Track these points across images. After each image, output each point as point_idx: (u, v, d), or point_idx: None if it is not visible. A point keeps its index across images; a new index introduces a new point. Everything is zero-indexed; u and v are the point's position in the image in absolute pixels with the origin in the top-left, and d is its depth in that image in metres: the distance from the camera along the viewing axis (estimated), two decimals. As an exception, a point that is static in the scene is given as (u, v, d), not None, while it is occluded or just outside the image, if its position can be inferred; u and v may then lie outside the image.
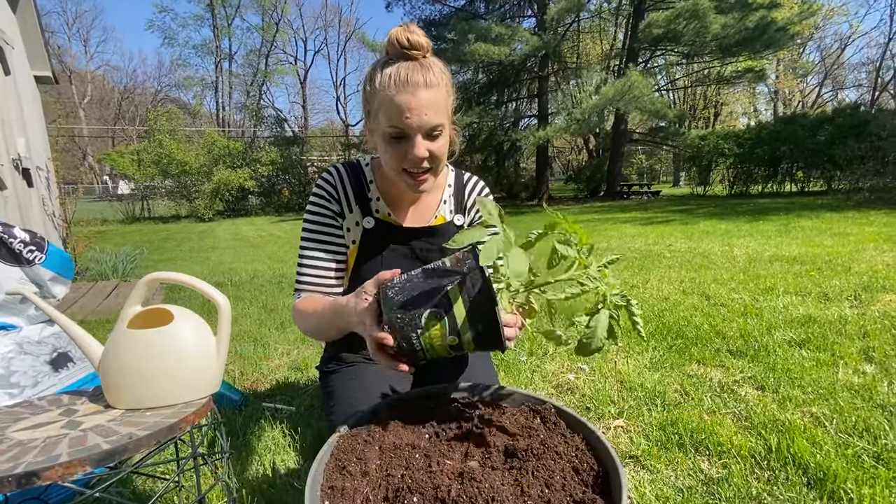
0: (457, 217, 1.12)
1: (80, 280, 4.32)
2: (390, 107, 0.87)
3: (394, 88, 0.86)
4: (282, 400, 1.61)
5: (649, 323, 2.25)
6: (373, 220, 1.06)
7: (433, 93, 0.88)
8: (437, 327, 0.66)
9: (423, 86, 0.87)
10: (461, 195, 1.13)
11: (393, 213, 1.07)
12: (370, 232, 1.05)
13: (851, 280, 2.80)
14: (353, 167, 1.08)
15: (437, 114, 0.89)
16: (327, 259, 1.04)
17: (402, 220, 1.07)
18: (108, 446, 0.60)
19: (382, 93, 0.88)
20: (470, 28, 12.66)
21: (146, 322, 0.77)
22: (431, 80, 0.88)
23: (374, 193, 1.06)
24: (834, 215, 6.30)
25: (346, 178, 1.06)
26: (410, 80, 0.86)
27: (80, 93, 33.37)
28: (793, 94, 30.76)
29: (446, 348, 0.68)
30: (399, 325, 0.67)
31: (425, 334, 0.66)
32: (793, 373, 1.61)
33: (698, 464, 1.13)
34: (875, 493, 0.98)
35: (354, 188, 1.06)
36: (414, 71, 0.87)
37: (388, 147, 0.91)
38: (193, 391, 0.74)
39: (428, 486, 0.63)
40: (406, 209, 1.08)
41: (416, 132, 0.88)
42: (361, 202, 1.06)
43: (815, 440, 1.19)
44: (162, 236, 9.46)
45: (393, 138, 0.90)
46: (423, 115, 0.87)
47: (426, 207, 1.10)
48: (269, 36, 29.37)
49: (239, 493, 1.03)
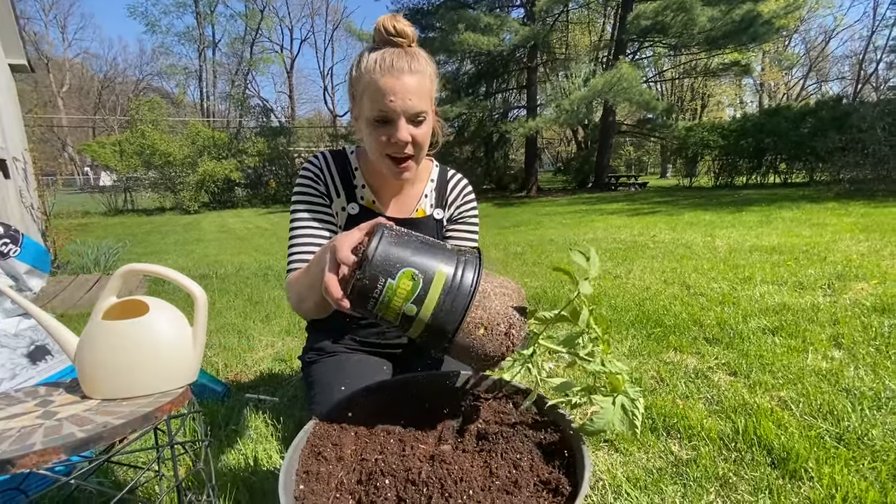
0: (436, 211, 1.13)
1: (60, 273, 4.25)
2: (375, 90, 0.88)
3: (379, 72, 0.87)
4: (265, 391, 1.62)
5: (629, 312, 2.29)
6: (357, 207, 1.06)
7: (417, 79, 0.89)
8: (408, 287, 0.63)
9: (407, 71, 0.88)
10: (443, 190, 1.14)
11: (377, 201, 1.08)
12: (354, 219, 1.05)
13: (826, 269, 2.88)
14: (338, 154, 1.09)
15: (420, 100, 0.90)
16: (320, 229, 1.03)
17: (385, 208, 1.08)
18: (83, 434, 0.61)
19: (367, 76, 0.89)
20: (458, 17, 12.55)
21: (122, 314, 0.77)
22: (416, 67, 0.89)
23: (359, 180, 1.07)
24: (814, 206, 6.43)
25: (332, 164, 1.06)
26: (395, 65, 0.87)
27: (59, 81, 32.45)
28: (778, 87, 31.15)
29: (398, 315, 0.65)
30: (377, 261, 0.63)
31: (391, 285, 0.63)
32: (765, 359, 1.66)
33: (669, 446, 1.18)
34: (834, 472, 1.02)
35: (340, 174, 1.06)
36: (399, 57, 0.88)
37: (372, 131, 0.92)
38: (170, 381, 0.75)
39: (400, 468, 0.66)
40: (389, 198, 1.09)
41: (400, 116, 0.89)
42: (347, 188, 1.06)
43: (781, 422, 1.24)
44: (146, 229, 9.32)
45: (377, 122, 0.91)
46: (408, 100, 0.88)
47: (408, 199, 1.11)
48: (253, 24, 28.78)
49: (219, 481, 1.05)
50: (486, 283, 0.69)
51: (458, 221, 1.15)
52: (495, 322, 0.67)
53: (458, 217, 1.15)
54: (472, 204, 1.16)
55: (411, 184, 1.10)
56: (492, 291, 0.68)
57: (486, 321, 0.66)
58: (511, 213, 8.95)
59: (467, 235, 1.15)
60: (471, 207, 1.16)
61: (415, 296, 0.63)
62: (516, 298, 0.70)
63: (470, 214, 1.16)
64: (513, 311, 0.68)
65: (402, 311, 0.64)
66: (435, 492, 0.61)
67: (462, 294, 0.65)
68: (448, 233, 1.15)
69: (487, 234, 5.96)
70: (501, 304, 0.68)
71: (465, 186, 1.16)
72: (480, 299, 0.66)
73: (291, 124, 24.92)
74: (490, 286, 0.69)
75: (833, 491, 0.97)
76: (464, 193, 1.15)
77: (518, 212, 9.31)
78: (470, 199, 1.16)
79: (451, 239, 1.15)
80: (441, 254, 0.67)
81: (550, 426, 0.74)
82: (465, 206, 1.15)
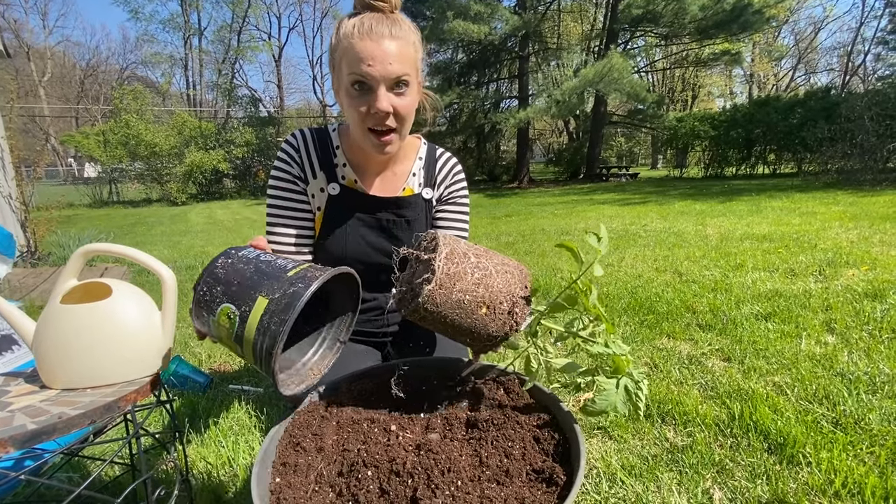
0: (425, 190, 1.08)
1: (41, 265, 4.13)
2: (352, 55, 0.82)
3: (357, 36, 0.82)
4: (249, 381, 1.57)
5: (622, 299, 2.27)
6: (338, 187, 1.01)
7: (399, 44, 0.83)
8: (226, 324, 0.64)
9: (388, 36, 0.82)
10: (432, 169, 1.08)
11: (360, 180, 1.02)
12: (335, 199, 1.00)
13: (817, 256, 2.88)
14: (319, 132, 1.03)
15: (402, 65, 0.84)
16: (288, 227, 1.01)
17: (368, 188, 1.03)
18: (35, 426, 0.56)
19: (345, 41, 0.83)
20: (448, 5, 12.37)
21: (83, 297, 0.72)
22: (397, 33, 0.84)
23: (340, 159, 1.01)
24: (803, 196, 6.47)
25: (311, 142, 1.01)
26: (375, 29, 0.82)
27: (40, 70, 31.55)
28: (767, 78, 31.29)
29: (232, 345, 0.66)
30: (203, 297, 0.67)
31: (214, 321, 0.65)
32: (758, 344, 1.65)
33: (664, 433, 1.15)
34: (833, 457, 1.00)
35: (319, 152, 1.01)
36: (379, 21, 0.83)
37: (352, 102, 0.86)
38: (136, 370, 0.70)
39: (384, 459, 0.61)
40: (373, 177, 1.04)
41: (380, 82, 0.83)
42: (327, 167, 1.01)
43: (777, 408, 1.22)
44: (131, 221, 9.13)
45: (355, 89, 0.85)
46: (388, 65, 0.82)
47: (395, 178, 1.05)
48: (240, 11, 28.12)
49: (196, 474, 1.00)
50: (487, 260, 0.66)
51: (448, 202, 1.10)
52: (497, 301, 0.64)
53: (449, 197, 1.10)
54: (462, 184, 1.11)
55: (397, 161, 1.04)
56: (493, 269, 0.65)
57: (489, 300, 0.63)
58: (502, 204, 8.90)
59: (458, 216, 1.10)
60: (461, 188, 1.11)
61: (234, 333, 0.63)
62: (518, 277, 0.67)
63: (460, 195, 1.11)
64: (516, 289, 0.66)
65: (233, 343, 0.65)
66: (421, 483, 0.56)
67: (285, 307, 0.59)
68: (437, 213, 1.10)
69: (479, 224, 5.92)
70: (503, 281, 0.65)
71: (454, 165, 1.10)
72: (482, 277, 0.63)
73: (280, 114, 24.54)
74: (491, 263, 0.65)
75: (832, 476, 0.95)
76: (453, 172, 1.10)
77: (509, 202, 9.27)
78: (460, 179, 1.11)
79: (441, 220, 1.10)
80: (271, 278, 0.64)
81: (543, 412, 0.70)
82: (455, 186, 1.10)
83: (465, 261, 0.63)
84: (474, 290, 0.62)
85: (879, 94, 8.91)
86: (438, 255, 0.62)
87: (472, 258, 0.64)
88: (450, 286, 0.61)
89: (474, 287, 0.62)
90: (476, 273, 0.63)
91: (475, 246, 0.68)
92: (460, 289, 0.62)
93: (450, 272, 0.62)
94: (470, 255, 0.64)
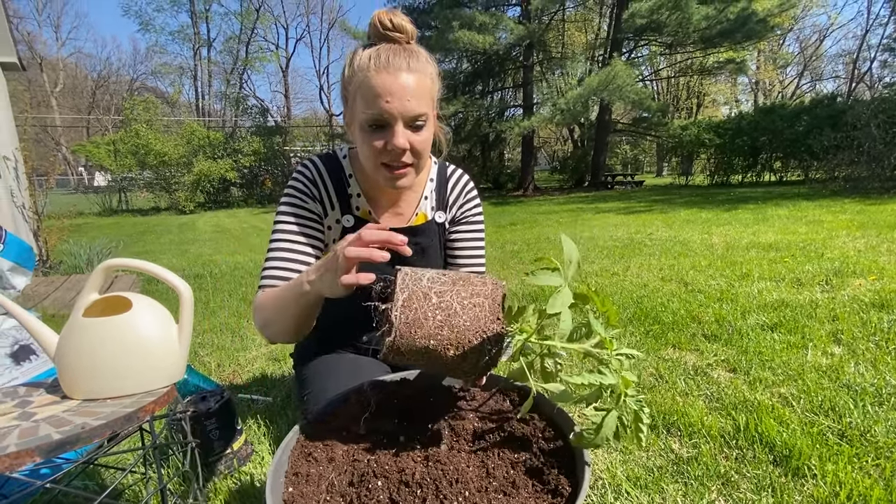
0: (438, 214, 1.04)
1: (53, 274, 4.20)
2: (368, 90, 0.78)
3: (373, 70, 0.78)
4: (258, 391, 1.59)
5: (627, 309, 2.27)
6: (352, 219, 0.97)
7: (417, 78, 0.79)
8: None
9: (405, 69, 0.78)
10: (443, 190, 1.04)
11: (373, 210, 0.98)
12: (349, 231, 0.97)
13: (824, 265, 2.87)
14: (330, 160, 0.99)
15: (420, 102, 0.80)
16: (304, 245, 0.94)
17: (380, 216, 0.99)
18: (59, 436, 0.58)
19: (360, 74, 0.79)
20: (454, 16, 12.52)
21: (104, 311, 0.74)
22: (415, 66, 0.80)
23: (354, 189, 0.97)
24: (809, 204, 6.44)
25: (326, 174, 0.96)
26: (392, 62, 0.78)
27: (52, 81, 32.17)
28: (772, 85, 31.26)
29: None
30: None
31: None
32: (764, 355, 1.65)
33: (669, 444, 1.16)
34: (838, 469, 1.01)
35: (334, 184, 0.97)
36: (396, 54, 0.79)
37: (366, 137, 0.82)
38: (154, 380, 0.73)
39: (393, 469, 0.63)
40: (386, 207, 1.00)
41: (397, 119, 0.79)
42: (341, 199, 0.97)
43: (783, 419, 1.22)
44: (140, 229, 9.24)
45: (371, 126, 0.80)
46: (406, 101, 0.78)
47: (407, 205, 1.02)
48: (248, 22, 28.62)
49: (208, 483, 1.02)
50: (453, 296, 0.62)
51: (461, 222, 1.07)
52: (465, 340, 0.61)
53: (462, 217, 1.06)
54: (475, 202, 1.07)
55: (409, 187, 1.00)
56: (458, 305, 0.62)
57: (455, 341, 0.60)
58: (507, 212, 8.93)
59: (472, 236, 1.07)
60: (474, 205, 1.07)
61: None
62: (490, 307, 0.63)
63: (473, 213, 1.07)
64: (487, 322, 0.62)
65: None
66: (430, 493, 0.58)
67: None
68: (451, 235, 1.06)
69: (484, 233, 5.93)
70: (471, 317, 0.61)
71: (466, 183, 1.07)
72: (445, 318, 0.61)
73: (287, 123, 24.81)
74: (457, 299, 0.62)
75: (837, 489, 0.95)
76: (466, 191, 1.06)
77: (514, 210, 9.30)
78: (473, 197, 1.07)
79: (455, 242, 1.06)
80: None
81: (548, 424, 0.72)
82: (469, 205, 1.06)
83: (426, 303, 0.60)
84: (438, 334, 0.60)
85: (886, 102, 8.88)
86: (395, 304, 0.60)
87: (433, 298, 0.61)
88: (411, 335, 0.60)
89: (437, 331, 0.60)
90: (438, 315, 0.60)
91: (442, 276, 0.64)
92: (423, 335, 0.60)
93: (408, 320, 0.60)
94: (431, 296, 0.61)
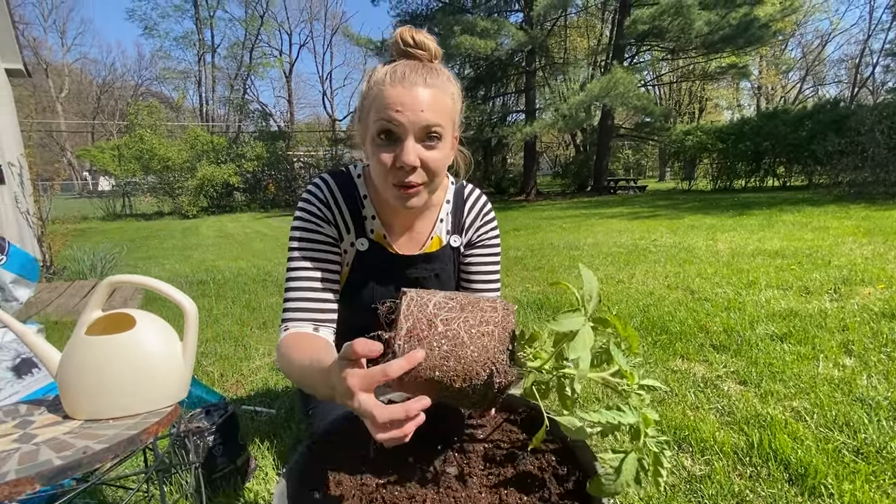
0: (453, 238, 0.99)
1: (56, 279, 4.20)
2: (381, 101, 0.75)
3: (388, 83, 0.75)
4: (262, 402, 1.57)
5: (634, 318, 2.25)
6: (366, 242, 0.93)
7: (434, 93, 0.76)
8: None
9: (422, 84, 0.75)
10: (460, 213, 0.99)
11: (388, 234, 0.94)
12: (362, 255, 0.93)
13: (831, 273, 2.84)
14: (343, 179, 0.94)
15: (435, 114, 0.76)
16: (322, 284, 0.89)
17: (395, 240, 0.95)
18: (61, 462, 0.57)
19: (375, 88, 0.77)
20: (455, 21, 12.58)
21: (107, 328, 0.73)
22: (433, 81, 0.77)
23: (368, 210, 0.93)
24: (814, 209, 6.41)
25: (340, 197, 0.92)
26: (408, 76, 0.75)
27: (57, 86, 32.43)
28: (775, 90, 31.25)
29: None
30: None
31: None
32: (774, 367, 1.62)
33: (682, 461, 1.13)
34: (855, 489, 0.98)
35: (349, 206, 0.92)
36: (414, 69, 0.76)
37: (376, 150, 0.78)
38: (158, 400, 0.71)
39: (403, 496, 0.61)
40: (402, 231, 0.96)
41: (408, 132, 0.75)
42: (356, 221, 0.93)
43: (797, 435, 1.20)
44: (144, 234, 9.26)
45: (381, 138, 0.77)
46: (419, 112, 0.74)
47: (422, 226, 0.97)
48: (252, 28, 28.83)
49: (211, 502, 1.00)
50: (460, 324, 0.59)
51: (477, 245, 1.02)
52: (473, 372, 0.58)
53: (478, 241, 1.02)
54: (492, 224, 1.03)
55: (424, 209, 0.95)
56: (466, 335, 0.59)
57: (462, 372, 0.58)
58: (510, 217, 8.91)
59: (487, 260, 1.02)
60: (491, 228, 1.03)
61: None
62: (499, 335, 0.60)
63: (490, 236, 1.03)
64: (495, 352, 0.58)
65: None
66: (441, 522, 0.56)
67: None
68: (466, 259, 1.02)
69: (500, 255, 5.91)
70: (479, 346, 0.58)
71: (483, 204, 1.03)
72: (451, 348, 0.57)
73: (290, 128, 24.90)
74: (465, 327, 0.59)
75: (856, 509, 0.93)
76: (483, 213, 1.02)
77: (517, 215, 9.28)
78: (490, 219, 1.03)
79: (470, 266, 1.02)
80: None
81: (562, 448, 0.70)
82: (485, 228, 1.02)
83: (431, 332, 0.57)
84: (444, 365, 0.57)
85: (890, 107, 8.85)
86: (398, 333, 0.57)
87: (439, 327, 0.58)
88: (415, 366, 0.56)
89: (443, 362, 0.57)
90: (444, 345, 0.57)
91: (450, 301, 0.61)
92: (427, 366, 0.57)
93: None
94: (437, 324, 0.58)
